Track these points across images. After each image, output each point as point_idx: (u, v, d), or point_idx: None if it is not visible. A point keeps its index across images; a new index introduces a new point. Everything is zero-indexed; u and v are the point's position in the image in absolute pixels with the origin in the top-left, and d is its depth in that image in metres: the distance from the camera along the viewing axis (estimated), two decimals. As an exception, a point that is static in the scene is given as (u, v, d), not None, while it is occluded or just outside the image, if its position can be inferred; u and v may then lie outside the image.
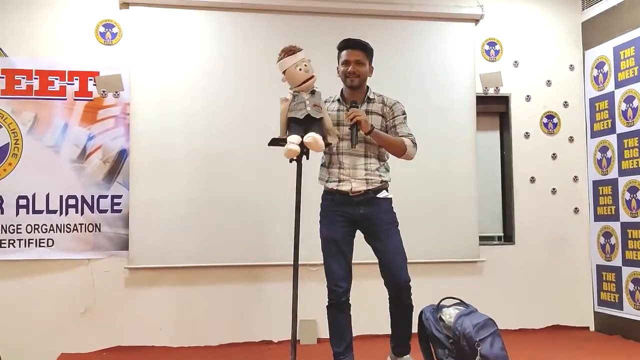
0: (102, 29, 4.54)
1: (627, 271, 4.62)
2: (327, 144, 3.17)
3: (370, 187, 3.28)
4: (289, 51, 3.11)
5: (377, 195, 3.30)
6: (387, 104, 3.37)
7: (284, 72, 3.14)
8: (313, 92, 3.16)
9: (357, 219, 3.28)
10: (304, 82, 3.10)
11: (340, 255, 3.26)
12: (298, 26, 4.70)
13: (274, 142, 3.14)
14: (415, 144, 3.33)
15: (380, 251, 3.29)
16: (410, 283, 3.29)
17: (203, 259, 4.46)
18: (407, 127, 3.37)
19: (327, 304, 3.28)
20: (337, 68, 3.39)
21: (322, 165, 3.40)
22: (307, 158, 3.13)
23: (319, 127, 3.11)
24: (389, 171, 3.41)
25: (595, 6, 5.01)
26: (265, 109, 3.15)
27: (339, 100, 3.39)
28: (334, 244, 3.27)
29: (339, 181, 3.27)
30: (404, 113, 3.39)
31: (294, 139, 3.03)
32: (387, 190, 3.36)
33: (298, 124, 3.09)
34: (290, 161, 3.13)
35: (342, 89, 3.42)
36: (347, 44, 3.35)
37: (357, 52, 3.32)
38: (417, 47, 4.88)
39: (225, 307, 4.52)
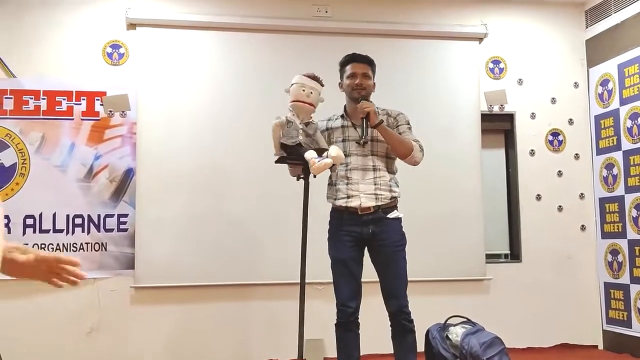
0: (109, 50, 4.59)
1: (635, 289, 4.58)
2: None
3: (380, 203, 3.22)
4: (312, 76, 3.13)
5: (388, 216, 3.25)
6: (392, 114, 3.37)
7: (291, 85, 3.15)
8: (307, 124, 3.14)
9: (365, 238, 3.24)
10: (297, 100, 3.10)
11: (349, 275, 3.23)
12: (303, 46, 4.74)
13: (281, 160, 3.15)
14: (422, 149, 3.30)
15: (383, 275, 3.26)
16: (407, 309, 3.24)
17: (209, 277, 4.46)
18: (413, 135, 3.35)
19: (335, 322, 3.26)
20: (340, 83, 3.39)
21: (329, 184, 3.37)
22: (314, 176, 3.13)
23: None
24: (398, 185, 3.35)
25: (599, 24, 5.03)
26: (271, 128, 3.16)
27: (342, 116, 3.38)
28: (342, 264, 3.24)
29: (347, 197, 3.23)
30: (408, 123, 3.38)
31: (312, 155, 3.02)
32: (397, 209, 3.31)
33: (289, 151, 3.09)
34: (298, 179, 3.14)
35: (345, 105, 3.41)
36: (353, 58, 3.35)
37: (363, 65, 3.32)
38: (421, 66, 4.91)
39: (232, 325, 4.50)
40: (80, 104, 4.49)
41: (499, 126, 5.14)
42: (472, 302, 4.67)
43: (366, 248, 3.31)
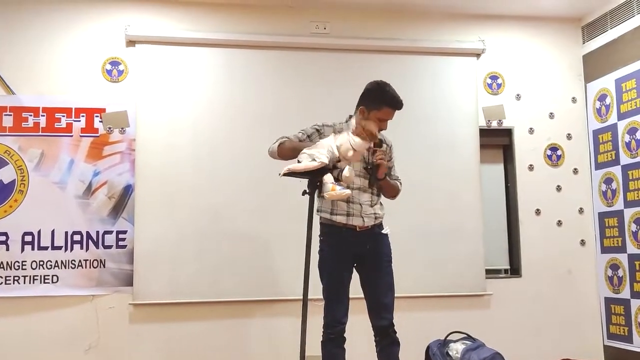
0: (108, 67, 4.60)
1: (635, 303, 4.57)
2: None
3: (376, 223, 3.29)
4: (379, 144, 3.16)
5: (382, 231, 3.32)
6: (387, 143, 3.41)
7: (355, 149, 3.01)
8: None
9: (360, 255, 3.26)
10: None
11: (344, 293, 3.24)
12: (302, 62, 4.76)
13: (288, 174, 3.12)
14: (401, 185, 3.46)
15: (375, 288, 3.26)
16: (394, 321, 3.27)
17: (208, 294, 4.44)
18: (395, 168, 3.49)
19: (323, 339, 3.22)
20: (363, 109, 3.26)
21: (321, 196, 3.27)
22: (320, 192, 3.11)
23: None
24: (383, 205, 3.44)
25: (596, 39, 5.06)
26: (270, 142, 3.16)
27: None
28: (340, 282, 3.23)
29: (348, 215, 3.23)
30: (393, 155, 3.49)
31: (330, 179, 3.00)
32: (384, 226, 3.38)
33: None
34: (303, 194, 3.12)
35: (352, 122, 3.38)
36: (395, 105, 3.25)
37: (395, 112, 3.29)
38: (419, 82, 4.92)
39: (232, 343, 4.47)
40: (80, 121, 4.50)
41: (497, 141, 5.15)
42: (472, 317, 4.66)
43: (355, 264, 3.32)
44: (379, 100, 3.23)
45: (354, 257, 3.27)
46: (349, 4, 4.86)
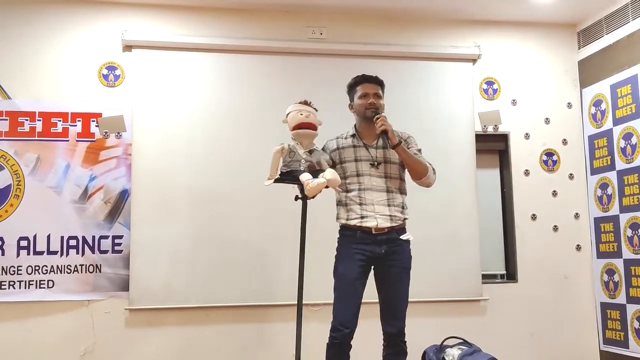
0: (105, 71, 4.60)
1: (631, 309, 4.58)
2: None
3: (394, 225, 3.22)
4: (304, 102, 3.17)
5: (401, 237, 3.25)
6: (402, 137, 3.37)
7: (287, 115, 3.14)
8: (311, 152, 3.14)
9: (376, 258, 3.21)
10: (299, 126, 3.10)
11: (353, 295, 3.18)
12: (298, 67, 4.77)
13: (276, 180, 3.14)
14: (435, 172, 3.36)
15: (388, 295, 3.24)
16: (404, 330, 3.25)
17: (204, 299, 4.43)
18: (424, 158, 3.39)
19: (327, 342, 3.20)
20: (350, 104, 3.39)
21: (338, 203, 3.33)
22: (313, 197, 3.12)
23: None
24: (407, 207, 3.35)
25: (591, 45, 5.08)
26: (266, 147, 3.17)
27: (353, 135, 3.36)
28: (349, 283, 3.19)
29: (362, 217, 3.20)
30: (417, 145, 3.42)
31: (307, 177, 3.02)
32: (406, 230, 3.31)
33: (286, 174, 3.09)
34: (296, 199, 3.13)
35: (356, 125, 3.40)
36: (364, 78, 3.36)
37: (374, 85, 3.34)
38: (415, 87, 4.93)
39: (228, 348, 4.46)
40: (76, 126, 4.50)
41: (493, 146, 5.16)
42: (468, 322, 4.66)
43: (372, 267, 3.28)
44: (352, 86, 3.40)
45: (368, 261, 3.21)
46: (345, 10, 4.88)
